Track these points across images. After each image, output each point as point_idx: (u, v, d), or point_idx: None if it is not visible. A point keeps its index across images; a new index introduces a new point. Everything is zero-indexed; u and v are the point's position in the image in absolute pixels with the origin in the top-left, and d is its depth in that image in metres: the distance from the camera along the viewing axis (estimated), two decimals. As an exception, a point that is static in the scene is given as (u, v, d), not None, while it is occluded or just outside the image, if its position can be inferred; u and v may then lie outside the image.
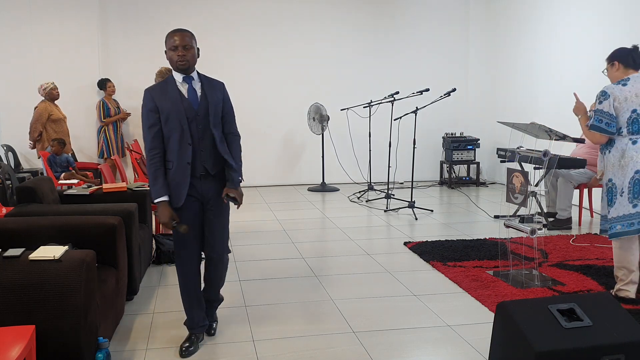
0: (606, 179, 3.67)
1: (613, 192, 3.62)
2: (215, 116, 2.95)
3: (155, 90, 2.93)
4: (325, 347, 3.06)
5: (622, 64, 3.68)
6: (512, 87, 8.20)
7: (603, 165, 3.72)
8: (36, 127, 6.78)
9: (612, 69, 3.73)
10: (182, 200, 2.88)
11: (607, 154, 3.67)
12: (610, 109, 3.55)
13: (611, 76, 3.74)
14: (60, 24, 7.88)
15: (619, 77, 3.67)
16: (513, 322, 2.36)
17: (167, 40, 2.91)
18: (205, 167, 2.94)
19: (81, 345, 2.53)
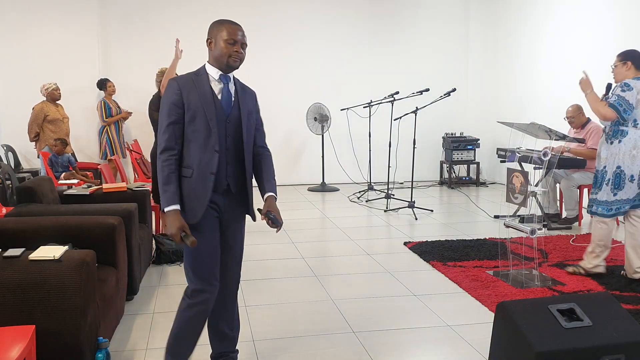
0: (613, 167, 3.92)
1: (621, 178, 3.92)
2: (248, 127, 2.56)
3: (184, 81, 2.45)
4: (325, 347, 3.06)
5: (634, 65, 3.93)
6: (512, 87, 8.20)
7: (607, 153, 3.95)
8: (32, 127, 6.79)
9: (623, 67, 3.95)
10: (198, 216, 2.42)
11: (618, 143, 3.91)
12: (632, 99, 3.83)
13: (619, 73, 3.97)
14: (60, 24, 7.88)
15: (627, 76, 3.93)
16: (513, 322, 2.36)
17: (225, 30, 2.45)
18: (229, 182, 2.53)
19: (81, 345, 2.53)
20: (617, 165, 3.92)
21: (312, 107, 8.14)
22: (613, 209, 3.98)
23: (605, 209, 3.98)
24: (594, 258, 4.11)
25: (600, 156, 4.03)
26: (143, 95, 6.65)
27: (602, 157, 4.01)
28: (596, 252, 4.10)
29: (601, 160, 4.02)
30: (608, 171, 3.95)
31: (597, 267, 4.11)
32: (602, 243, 4.09)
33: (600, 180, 4.01)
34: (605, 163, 3.97)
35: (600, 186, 4.00)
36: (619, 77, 3.99)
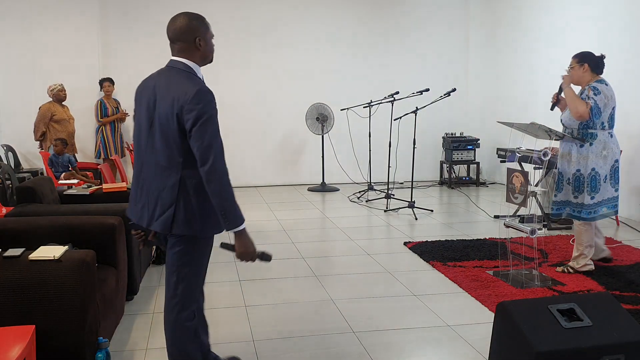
0: (588, 169, 4.03)
1: (597, 180, 4.03)
2: None
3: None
4: (325, 347, 3.06)
5: (591, 67, 4.07)
6: (512, 87, 8.20)
7: (578, 155, 4.06)
8: (39, 127, 6.81)
9: (580, 69, 4.10)
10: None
11: (589, 146, 4.04)
12: (601, 104, 3.98)
13: (576, 74, 4.12)
14: (60, 24, 7.88)
15: (584, 78, 4.09)
16: (513, 322, 2.36)
17: (209, 27, 2.50)
18: None
19: (81, 345, 2.53)
20: (592, 168, 4.03)
21: (313, 107, 8.13)
22: (616, 204, 4.11)
23: (586, 213, 4.07)
24: (583, 259, 4.21)
25: (570, 157, 4.11)
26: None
27: (572, 160, 4.09)
28: (585, 253, 4.19)
29: (571, 162, 4.10)
30: (584, 174, 4.05)
31: (586, 266, 4.21)
32: (589, 244, 4.19)
33: (576, 183, 4.09)
34: (578, 166, 4.07)
35: (579, 190, 4.09)
36: (575, 78, 4.13)
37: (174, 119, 2.21)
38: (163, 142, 2.26)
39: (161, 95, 2.28)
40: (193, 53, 2.38)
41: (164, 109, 2.25)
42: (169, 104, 2.23)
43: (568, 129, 4.16)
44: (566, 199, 4.17)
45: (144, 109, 2.34)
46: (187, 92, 2.19)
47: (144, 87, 2.42)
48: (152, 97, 2.32)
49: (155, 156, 2.29)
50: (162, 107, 2.26)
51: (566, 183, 4.16)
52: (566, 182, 4.16)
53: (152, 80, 2.40)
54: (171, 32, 2.44)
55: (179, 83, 2.26)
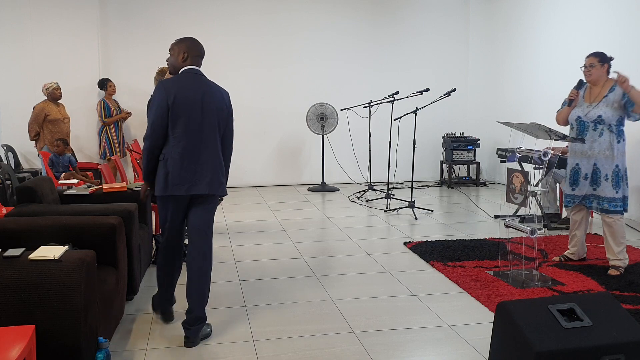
0: (613, 166, 4.09)
1: (620, 176, 4.12)
2: None
3: None
4: (325, 347, 3.06)
5: (608, 69, 4.14)
6: (512, 87, 8.20)
7: (617, 152, 4.09)
8: (33, 126, 6.78)
9: (601, 69, 4.13)
10: None
11: (623, 142, 4.11)
12: None
13: (597, 73, 4.13)
14: (60, 24, 7.88)
15: (602, 77, 4.13)
16: (513, 322, 2.36)
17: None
18: None
19: (81, 345, 2.53)
20: (617, 164, 4.11)
21: (314, 108, 8.13)
22: (618, 205, 4.17)
23: (625, 206, 4.16)
24: (624, 252, 4.25)
25: (612, 153, 4.09)
26: (143, 95, 6.64)
27: (613, 155, 4.09)
28: (624, 243, 4.25)
29: (610, 158, 4.09)
30: (621, 169, 4.11)
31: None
32: (624, 239, 4.27)
33: (616, 179, 4.11)
34: (617, 161, 4.09)
35: (618, 185, 4.11)
36: (594, 77, 4.14)
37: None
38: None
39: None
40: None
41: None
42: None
43: (606, 124, 4.08)
44: (604, 194, 4.14)
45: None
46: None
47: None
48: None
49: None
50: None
51: (604, 180, 4.12)
52: (604, 178, 4.12)
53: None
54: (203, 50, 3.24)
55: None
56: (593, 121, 4.14)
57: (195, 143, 3.03)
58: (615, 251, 4.23)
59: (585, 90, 4.28)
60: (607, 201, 4.15)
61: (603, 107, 4.11)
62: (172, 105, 2.98)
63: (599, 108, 4.13)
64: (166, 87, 3.03)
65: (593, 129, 4.15)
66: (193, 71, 3.12)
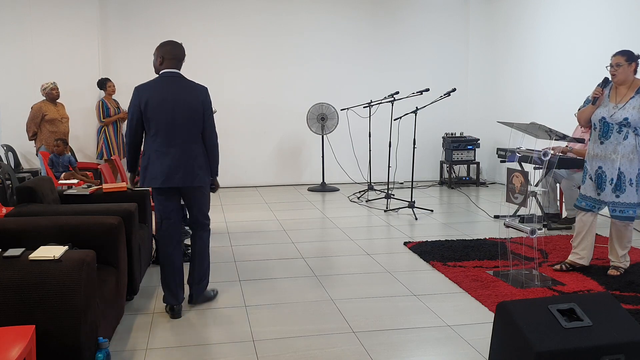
0: (637, 170, 3.97)
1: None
2: None
3: None
4: (325, 347, 3.06)
5: (637, 68, 3.97)
6: (512, 87, 8.20)
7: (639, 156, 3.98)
8: (30, 126, 6.79)
9: (628, 68, 3.95)
10: None
11: None
12: None
13: (624, 72, 3.94)
14: (60, 24, 7.87)
15: (630, 77, 3.95)
16: (513, 322, 2.36)
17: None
18: None
19: (81, 345, 2.53)
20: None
21: (314, 108, 8.13)
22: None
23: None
24: (627, 255, 4.23)
25: (634, 158, 3.96)
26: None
27: (636, 159, 3.96)
28: (629, 247, 4.21)
29: (634, 162, 3.96)
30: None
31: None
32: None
33: (638, 183, 4.01)
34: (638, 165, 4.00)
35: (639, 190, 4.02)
36: (621, 77, 3.94)
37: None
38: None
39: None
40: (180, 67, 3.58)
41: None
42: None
43: (632, 127, 3.92)
44: (629, 200, 4.01)
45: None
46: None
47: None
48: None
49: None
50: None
51: (629, 184, 3.98)
52: (628, 183, 3.98)
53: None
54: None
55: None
56: (618, 123, 3.94)
57: (168, 141, 3.40)
58: (619, 254, 4.19)
59: (611, 90, 4.07)
60: (631, 207, 4.01)
61: (630, 110, 3.91)
62: (145, 108, 3.38)
63: (625, 110, 3.93)
64: (139, 91, 3.44)
65: (618, 131, 3.96)
66: (168, 74, 3.44)
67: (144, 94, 3.39)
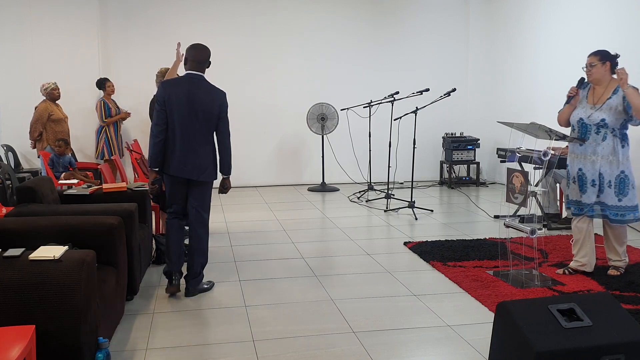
0: (617, 171, 3.93)
1: (626, 183, 3.95)
2: None
3: None
4: (325, 347, 3.06)
5: (611, 67, 3.96)
6: (512, 87, 8.20)
7: (623, 157, 3.93)
8: (36, 127, 6.78)
9: (602, 67, 3.97)
10: None
11: (627, 146, 3.95)
12: None
13: (598, 72, 3.98)
14: (60, 24, 7.87)
15: (605, 77, 3.97)
16: (513, 322, 2.36)
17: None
18: None
19: (81, 345, 2.53)
20: (622, 170, 3.95)
21: (314, 108, 8.13)
22: (625, 214, 4.00)
23: (635, 213, 4.00)
24: (625, 252, 4.20)
25: (616, 158, 3.93)
26: (143, 95, 6.65)
27: (618, 161, 3.92)
28: (626, 242, 4.19)
29: (614, 164, 3.93)
30: (629, 175, 3.95)
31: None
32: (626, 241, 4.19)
33: (622, 185, 3.95)
34: (622, 167, 3.94)
35: (623, 192, 3.95)
36: (596, 77, 3.98)
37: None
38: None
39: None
40: (204, 70, 3.87)
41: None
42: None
43: (610, 128, 3.90)
44: (606, 201, 3.98)
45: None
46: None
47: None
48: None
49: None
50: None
51: (607, 186, 3.96)
52: (607, 184, 3.96)
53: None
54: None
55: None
56: (596, 124, 3.95)
57: (183, 135, 3.69)
58: (619, 252, 4.17)
59: (589, 91, 4.09)
60: (610, 209, 3.98)
61: (606, 110, 3.91)
62: (167, 102, 3.67)
63: (602, 111, 3.93)
64: (164, 86, 3.75)
65: (596, 132, 3.96)
66: (190, 75, 3.74)
67: (167, 89, 3.70)
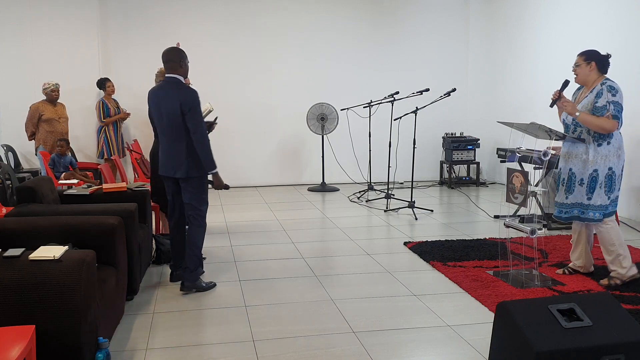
0: (605, 169, 3.86)
1: (613, 179, 3.88)
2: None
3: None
4: (325, 347, 3.06)
5: (597, 66, 3.94)
6: (512, 87, 8.20)
7: (595, 155, 3.87)
8: (28, 126, 6.82)
9: (586, 67, 3.96)
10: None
11: (606, 145, 3.86)
12: (621, 101, 3.81)
13: (582, 73, 3.98)
14: (60, 24, 7.88)
15: (590, 77, 3.95)
16: (513, 322, 2.36)
17: (186, 55, 3.91)
18: None
19: (81, 345, 2.53)
20: (609, 167, 3.86)
21: (314, 108, 8.13)
22: (607, 211, 3.89)
23: (600, 213, 3.88)
24: (625, 260, 3.94)
25: (587, 157, 3.88)
26: (143, 95, 6.60)
27: (589, 160, 3.87)
28: (622, 253, 3.94)
29: (588, 163, 3.88)
30: (600, 174, 3.86)
31: (632, 269, 3.96)
32: (622, 242, 3.96)
33: (592, 184, 3.87)
34: (595, 166, 3.86)
35: (593, 190, 3.87)
36: (581, 77, 3.98)
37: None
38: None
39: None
40: (181, 72, 3.91)
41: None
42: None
43: (584, 127, 3.89)
44: (578, 201, 3.94)
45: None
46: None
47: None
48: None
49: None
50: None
51: (578, 184, 3.92)
52: (579, 183, 3.93)
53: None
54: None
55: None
56: (572, 124, 4.00)
57: (161, 137, 3.97)
58: (606, 259, 4.01)
59: (580, 91, 4.10)
60: (577, 207, 3.94)
61: (580, 109, 3.91)
62: (149, 109, 4.08)
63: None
64: (148, 95, 4.03)
65: (573, 131, 4.00)
66: (166, 79, 3.92)
67: (148, 98, 4.01)
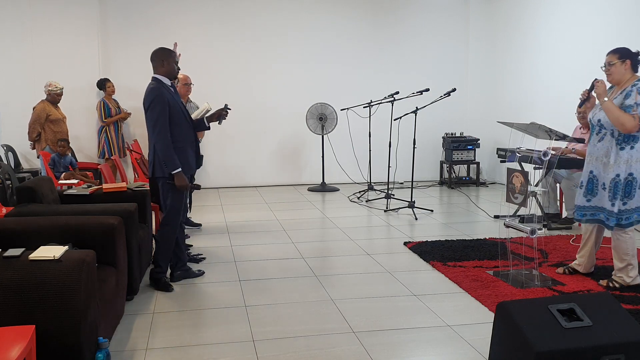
0: (625, 173, 3.71)
1: (633, 185, 3.71)
2: None
3: (164, 89, 3.85)
4: (325, 347, 3.06)
5: (632, 64, 3.74)
6: (512, 87, 8.20)
7: (616, 159, 3.72)
8: (34, 127, 6.78)
9: (622, 66, 3.74)
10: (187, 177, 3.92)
11: (629, 149, 3.69)
12: None
13: (617, 72, 3.75)
14: (60, 24, 7.87)
15: (625, 76, 3.74)
16: (513, 322, 2.36)
17: (171, 54, 3.91)
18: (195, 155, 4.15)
19: (81, 345, 2.53)
20: (629, 172, 3.70)
21: (313, 108, 8.13)
22: (623, 218, 3.75)
23: (618, 220, 3.75)
24: (632, 270, 3.86)
25: (608, 160, 3.75)
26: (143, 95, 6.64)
27: (610, 163, 3.74)
28: (632, 263, 3.84)
29: (609, 166, 3.75)
30: (622, 179, 3.71)
31: (638, 278, 3.88)
32: (634, 253, 3.86)
33: (617, 189, 3.72)
34: (618, 170, 3.71)
35: (615, 196, 3.73)
36: (616, 77, 3.75)
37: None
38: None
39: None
40: (159, 69, 3.93)
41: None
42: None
43: (608, 129, 3.75)
44: (601, 205, 3.82)
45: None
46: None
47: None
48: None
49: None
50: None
51: (601, 188, 3.80)
52: (601, 187, 3.81)
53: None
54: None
55: None
56: (597, 124, 3.83)
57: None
58: (615, 266, 3.92)
59: (611, 91, 3.88)
60: (601, 211, 3.82)
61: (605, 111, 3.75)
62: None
63: (601, 111, 3.77)
64: None
65: (597, 132, 3.85)
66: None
67: None
